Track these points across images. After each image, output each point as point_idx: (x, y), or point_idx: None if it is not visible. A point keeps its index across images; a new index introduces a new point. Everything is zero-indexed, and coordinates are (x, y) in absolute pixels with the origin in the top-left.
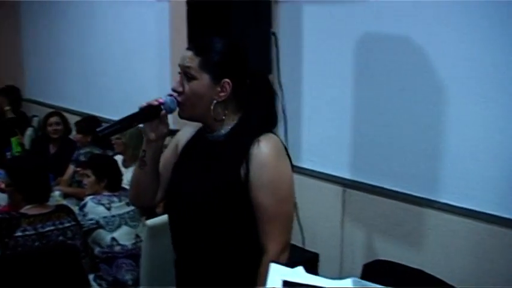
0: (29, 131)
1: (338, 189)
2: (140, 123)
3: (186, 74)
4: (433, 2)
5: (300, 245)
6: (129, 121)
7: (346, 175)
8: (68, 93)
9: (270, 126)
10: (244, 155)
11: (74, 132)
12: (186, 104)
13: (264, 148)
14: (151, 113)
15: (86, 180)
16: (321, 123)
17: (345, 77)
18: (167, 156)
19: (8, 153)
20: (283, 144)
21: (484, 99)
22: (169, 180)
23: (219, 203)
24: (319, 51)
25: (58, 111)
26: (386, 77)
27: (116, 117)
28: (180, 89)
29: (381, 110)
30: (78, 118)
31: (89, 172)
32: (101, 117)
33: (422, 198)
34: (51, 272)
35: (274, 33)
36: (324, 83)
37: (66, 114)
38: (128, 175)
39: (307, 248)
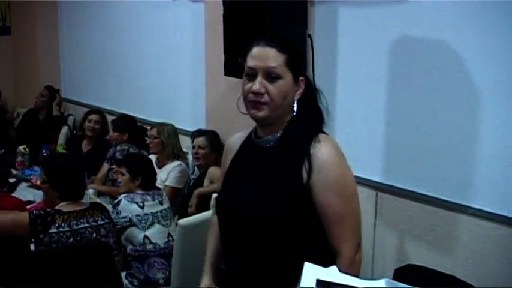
0: (64, 130)
1: (370, 192)
2: None
3: (269, 74)
4: (469, 4)
5: None
6: None
7: (379, 178)
8: (103, 93)
9: (320, 125)
10: (305, 155)
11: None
12: (270, 105)
13: (324, 147)
14: None
15: (120, 178)
16: (354, 126)
17: (379, 80)
18: (223, 172)
19: (45, 150)
20: None
21: None
22: (221, 193)
23: (283, 211)
24: (354, 54)
25: (99, 110)
26: (420, 80)
27: (151, 118)
28: (263, 91)
29: (415, 114)
30: (112, 117)
31: (123, 170)
32: (135, 117)
33: (455, 203)
34: (84, 269)
35: (309, 35)
36: (358, 86)
37: None
38: (161, 175)
39: None
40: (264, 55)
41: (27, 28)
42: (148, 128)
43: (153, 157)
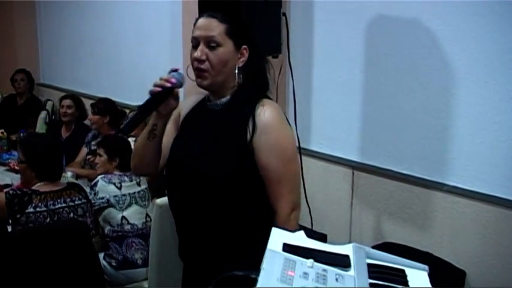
0: (42, 114)
1: (347, 171)
2: (158, 107)
3: (209, 42)
4: None
5: (308, 226)
6: (147, 110)
7: (355, 157)
8: (82, 77)
9: (265, 91)
10: (250, 116)
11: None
12: (210, 72)
13: (268, 111)
14: (166, 95)
15: (97, 159)
16: (330, 106)
17: (355, 60)
18: (169, 127)
19: (22, 134)
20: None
21: (494, 82)
22: (170, 153)
23: (228, 170)
24: (330, 33)
25: (72, 95)
26: (396, 60)
27: (129, 102)
28: (204, 57)
29: (390, 93)
30: (92, 102)
31: (101, 151)
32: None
33: (430, 180)
34: (61, 249)
35: (284, 14)
36: (334, 65)
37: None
38: None
39: (316, 229)
40: (205, 25)
41: (4, 12)
42: (127, 111)
43: (131, 140)
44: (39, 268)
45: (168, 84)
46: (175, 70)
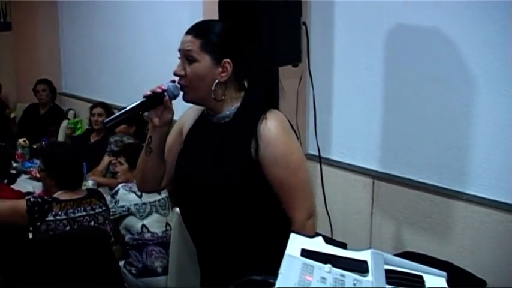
0: (64, 123)
1: (367, 180)
2: (145, 111)
3: (187, 57)
4: None
5: (328, 235)
6: (135, 110)
7: (376, 167)
8: (104, 87)
9: (272, 103)
10: (252, 133)
11: None
12: (189, 87)
13: (271, 124)
14: (155, 100)
15: (118, 168)
16: (350, 115)
17: (375, 69)
18: (171, 141)
19: (44, 143)
20: (288, 120)
21: None
22: (176, 168)
23: (235, 185)
24: (350, 42)
25: (102, 103)
26: (416, 69)
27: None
28: (182, 73)
29: (410, 102)
30: (114, 111)
31: (122, 160)
32: None
33: (451, 190)
34: (82, 257)
35: (304, 23)
36: (354, 74)
37: None
38: None
39: (335, 238)
40: (184, 40)
41: (28, 23)
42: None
43: None
44: (60, 276)
45: (159, 90)
46: (173, 81)
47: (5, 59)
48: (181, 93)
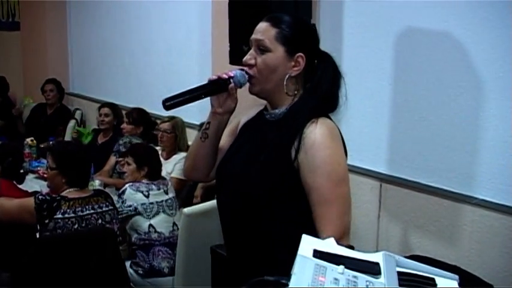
0: (71, 123)
1: (375, 183)
2: (208, 95)
3: (259, 46)
4: None
5: None
6: (197, 93)
7: (383, 170)
8: (111, 87)
9: (329, 108)
10: (297, 133)
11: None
12: (258, 78)
13: (318, 129)
14: (220, 85)
15: (126, 168)
16: (359, 117)
17: (384, 72)
18: (226, 134)
19: (52, 142)
20: (340, 132)
21: None
22: (220, 160)
23: (267, 184)
24: (359, 45)
25: (110, 103)
26: (425, 72)
27: (157, 112)
28: (252, 62)
29: (419, 105)
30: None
31: (130, 160)
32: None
33: (459, 193)
34: (89, 255)
35: (314, 25)
36: (363, 77)
37: None
38: (167, 166)
39: None
40: (259, 28)
41: (36, 23)
42: (158, 121)
43: (158, 148)
44: (66, 275)
45: (225, 76)
46: (242, 69)
47: (14, 59)
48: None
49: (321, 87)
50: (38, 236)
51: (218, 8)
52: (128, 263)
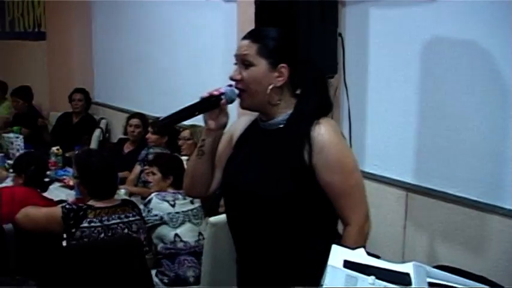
0: (97, 132)
1: (401, 193)
2: (201, 112)
3: (243, 62)
4: (499, 4)
5: None
6: (190, 110)
7: (410, 179)
8: (135, 96)
9: (326, 111)
10: (306, 138)
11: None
12: (247, 91)
13: (324, 129)
14: (212, 102)
15: (151, 178)
16: (385, 127)
17: (410, 81)
18: (221, 148)
19: (78, 151)
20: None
21: None
22: (225, 174)
23: (287, 192)
24: (385, 54)
25: (140, 113)
26: (451, 81)
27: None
28: (238, 77)
29: (446, 114)
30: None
31: (155, 169)
32: None
33: (486, 203)
34: (115, 264)
35: (340, 34)
36: (389, 86)
37: None
38: None
39: (368, 251)
40: (240, 46)
41: (62, 33)
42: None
43: (184, 158)
44: (93, 283)
45: (216, 93)
46: (231, 85)
47: (39, 69)
48: (238, 100)
49: (311, 92)
50: (64, 244)
51: (244, 14)
52: (153, 272)
